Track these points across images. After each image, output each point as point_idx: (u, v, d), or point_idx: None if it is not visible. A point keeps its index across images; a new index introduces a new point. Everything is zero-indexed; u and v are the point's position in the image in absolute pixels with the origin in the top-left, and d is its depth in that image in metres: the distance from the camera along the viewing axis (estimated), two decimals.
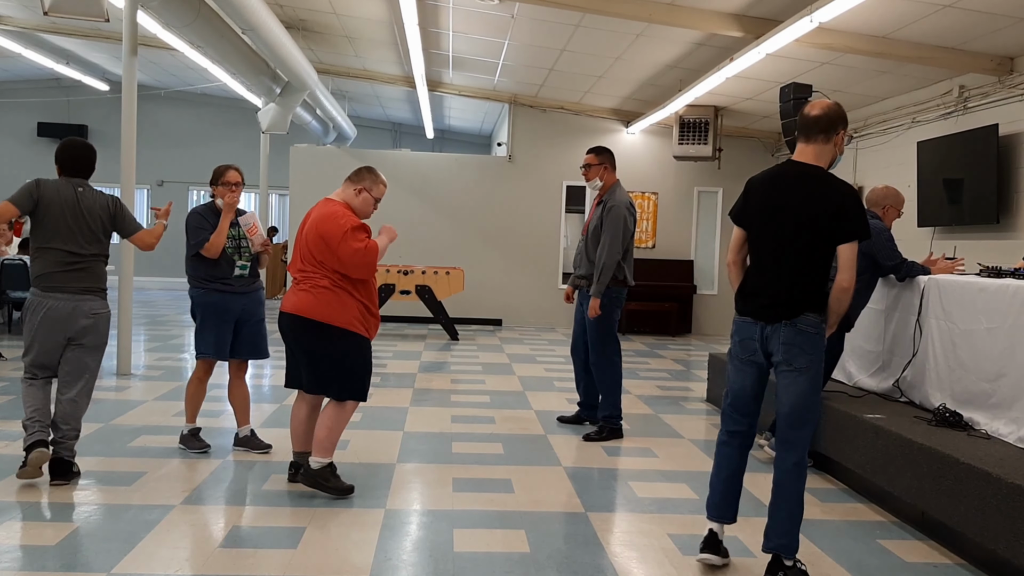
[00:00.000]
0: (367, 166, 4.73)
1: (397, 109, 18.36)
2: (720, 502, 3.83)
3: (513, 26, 9.88)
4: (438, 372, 8.98)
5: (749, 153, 14.00)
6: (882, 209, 5.54)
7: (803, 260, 3.55)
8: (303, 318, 4.38)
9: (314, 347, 4.42)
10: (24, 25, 13.60)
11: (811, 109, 3.69)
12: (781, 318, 3.54)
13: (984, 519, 3.72)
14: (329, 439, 4.47)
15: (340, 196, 4.60)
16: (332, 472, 4.52)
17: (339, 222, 4.38)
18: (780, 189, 3.65)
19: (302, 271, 4.49)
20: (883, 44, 8.07)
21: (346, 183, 4.63)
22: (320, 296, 4.37)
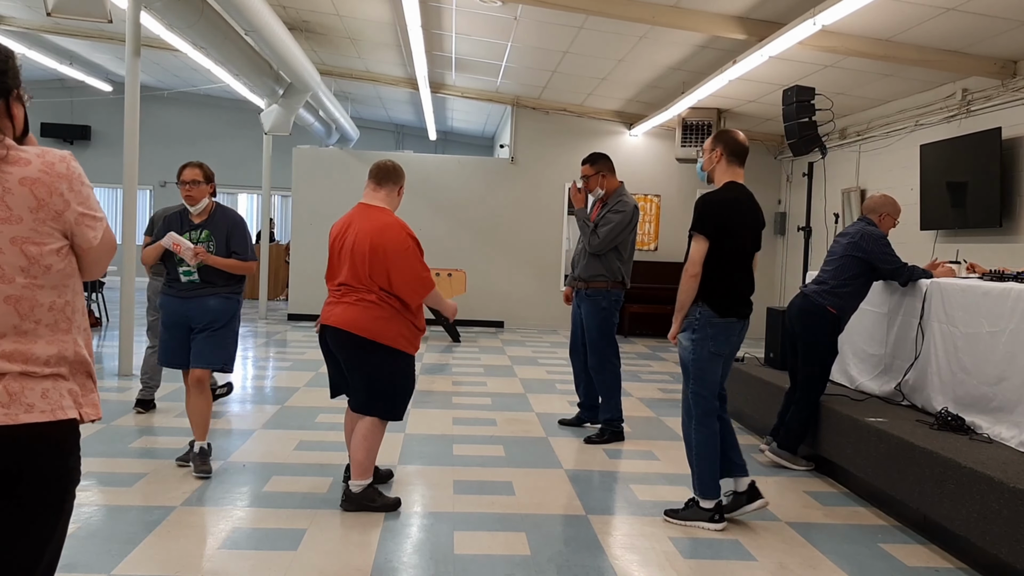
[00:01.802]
0: (394, 161, 4.55)
1: (400, 111, 18.37)
2: (722, 469, 4.42)
3: (516, 28, 9.88)
4: (440, 374, 8.98)
5: (752, 156, 13.89)
6: (878, 217, 5.55)
7: (750, 266, 4.46)
8: (350, 334, 4.22)
9: (361, 364, 4.29)
10: (27, 26, 13.62)
11: (744, 139, 4.44)
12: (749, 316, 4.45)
13: (986, 523, 3.71)
14: (368, 459, 4.36)
15: (385, 201, 4.44)
16: (377, 492, 4.43)
17: (401, 235, 4.25)
18: (751, 208, 4.43)
19: (348, 285, 4.29)
20: (886, 47, 8.06)
21: (388, 185, 4.46)
22: (368, 311, 4.22)
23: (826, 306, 5.38)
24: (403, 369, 4.38)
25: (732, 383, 7.24)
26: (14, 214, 1.68)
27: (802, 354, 5.53)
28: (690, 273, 4.23)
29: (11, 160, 1.71)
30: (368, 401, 4.33)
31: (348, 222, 4.40)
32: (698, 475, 4.34)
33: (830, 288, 5.43)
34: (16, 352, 1.68)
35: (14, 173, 1.70)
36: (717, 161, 4.39)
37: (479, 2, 8.87)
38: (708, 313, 4.26)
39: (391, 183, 4.47)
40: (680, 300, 4.28)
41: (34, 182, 1.72)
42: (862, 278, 5.42)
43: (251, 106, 16.29)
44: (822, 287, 5.47)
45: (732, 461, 4.46)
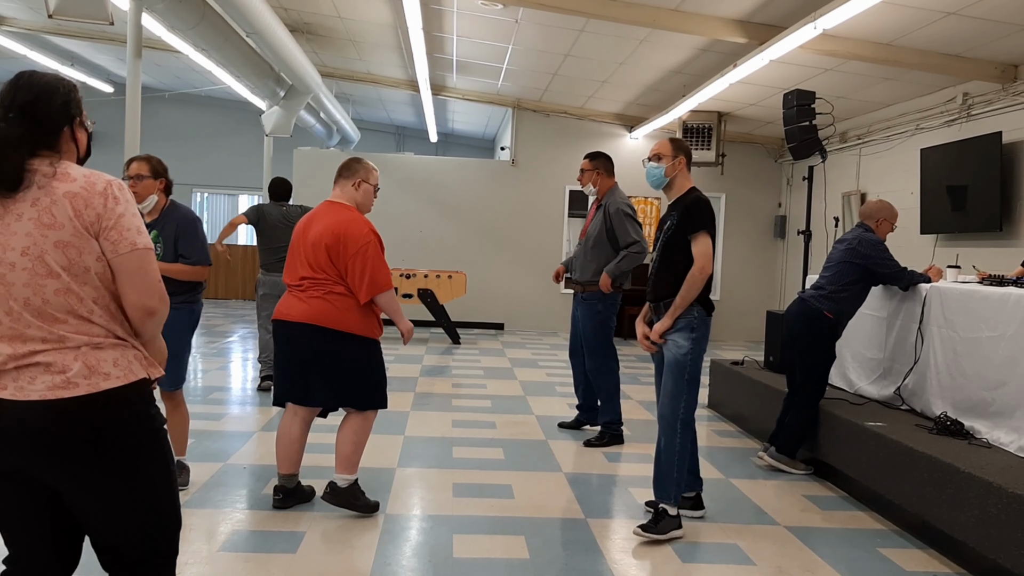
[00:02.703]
0: (353, 157, 4.54)
1: (401, 112, 18.37)
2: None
3: (517, 31, 9.89)
4: (439, 376, 8.98)
5: (752, 159, 14.01)
6: (876, 222, 5.56)
7: None
8: (321, 328, 4.14)
9: (335, 358, 4.20)
10: (29, 27, 13.63)
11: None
12: None
13: (985, 528, 3.72)
14: (356, 454, 4.32)
15: (342, 197, 4.41)
16: (360, 490, 4.38)
17: (362, 230, 4.21)
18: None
19: (309, 279, 4.21)
20: (887, 51, 8.07)
21: (340, 181, 4.45)
22: (337, 304, 4.16)
23: (823, 311, 5.39)
24: (378, 355, 4.37)
25: (732, 387, 7.25)
26: (57, 221, 1.99)
27: (800, 359, 5.54)
28: (706, 271, 4.18)
29: (59, 177, 2.02)
30: (343, 394, 4.29)
31: (311, 218, 4.37)
32: (676, 481, 4.24)
33: (828, 293, 5.43)
34: (79, 329, 2.02)
35: (60, 188, 2.01)
36: (679, 169, 4.45)
37: (480, 4, 8.88)
38: (703, 312, 4.27)
39: (343, 178, 4.45)
40: (686, 298, 4.19)
41: (74, 196, 2.01)
42: (860, 283, 5.43)
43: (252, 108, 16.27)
44: (820, 292, 5.48)
45: (695, 472, 4.54)
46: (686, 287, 4.18)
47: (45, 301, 1.99)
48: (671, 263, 4.30)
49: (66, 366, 1.98)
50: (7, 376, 1.97)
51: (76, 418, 1.97)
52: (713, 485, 5.22)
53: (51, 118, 2.08)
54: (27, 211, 1.99)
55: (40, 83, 2.10)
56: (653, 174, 4.50)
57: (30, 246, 1.98)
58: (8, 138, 1.99)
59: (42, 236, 1.98)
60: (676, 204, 4.41)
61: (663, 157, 4.44)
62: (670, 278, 4.28)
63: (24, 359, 1.98)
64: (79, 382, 1.98)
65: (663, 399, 4.32)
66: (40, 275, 1.99)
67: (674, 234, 4.29)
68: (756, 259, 14.40)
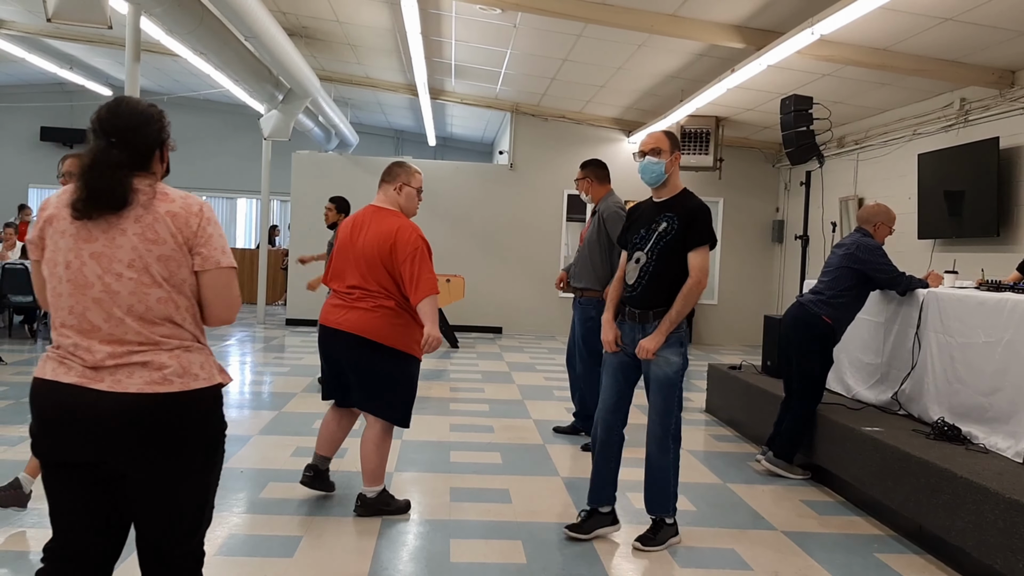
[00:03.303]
0: (395, 161, 4.54)
1: (399, 116, 18.37)
2: (611, 490, 4.42)
3: (515, 35, 9.91)
4: (437, 380, 8.98)
5: (750, 163, 14.03)
6: (873, 227, 5.56)
7: None
8: (366, 339, 4.16)
9: (374, 368, 4.23)
10: (28, 30, 13.63)
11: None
12: None
13: (981, 534, 3.72)
14: (380, 467, 4.36)
15: (386, 202, 4.39)
16: (390, 495, 4.45)
17: (411, 236, 4.23)
18: None
19: (360, 288, 4.23)
20: (884, 56, 8.08)
21: (383, 185, 4.42)
22: (386, 318, 4.18)
23: (821, 316, 5.39)
24: (414, 373, 4.40)
25: (729, 391, 7.25)
26: (160, 237, 2.21)
27: (797, 364, 5.54)
28: (703, 286, 4.03)
29: (159, 197, 2.25)
30: (385, 406, 4.32)
31: (359, 223, 4.36)
32: (672, 493, 4.20)
33: (826, 299, 5.44)
34: (173, 334, 2.25)
35: (161, 207, 2.23)
36: (676, 165, 4.18)
37: (479, 9, 8.89)
38: (685, 324, 4.13)
39: (385, 182, 4.44)
40: (682, 313, 4.01)
41: (174, 215, 2.24)
42: (857, 289, 5.43)
43: (250, 111, 16.28)
44: (818, 297, 5.48)
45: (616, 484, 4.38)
46: (683, 302, 3.99)
47: (148, 308, 2.21)
48: (667, 272, 4.04)
49: (163, 364, 2.20)
50: (104, 371, 2.17)
51: (168, 412, 2.19)
52: (710, 490, 5.23)
53: (148, 144, 2.31)
54: (131, 227, 2.20)
55: (138, 111, 2.31)
56: (652, 170, 4.15)
57: (135, 259, 2.19)
58: (118, 162, 2.21)
59: (147, 250, 2.20)
60: (672, 206, 4.12)
61: (662, 152, 4.13)
62: (665, 288, 4.04)
63: (122, 358, 2.18)
64: (174, 380, 2.20)
65: (653, 417, 4.17)
66: (145, 284, 2.20)
67: (673, 241, 4.03)
68: (754, 264, 14.42)
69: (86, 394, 2.15)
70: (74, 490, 2.24)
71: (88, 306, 2.18)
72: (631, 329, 4.16)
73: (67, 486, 2.24)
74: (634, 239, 4.20)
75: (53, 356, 2.23)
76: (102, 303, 2.18)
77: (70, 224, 2.20)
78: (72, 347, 2.19)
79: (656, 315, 4.05)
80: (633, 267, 4.15)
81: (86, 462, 2.20)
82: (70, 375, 2.17)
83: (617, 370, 4.25)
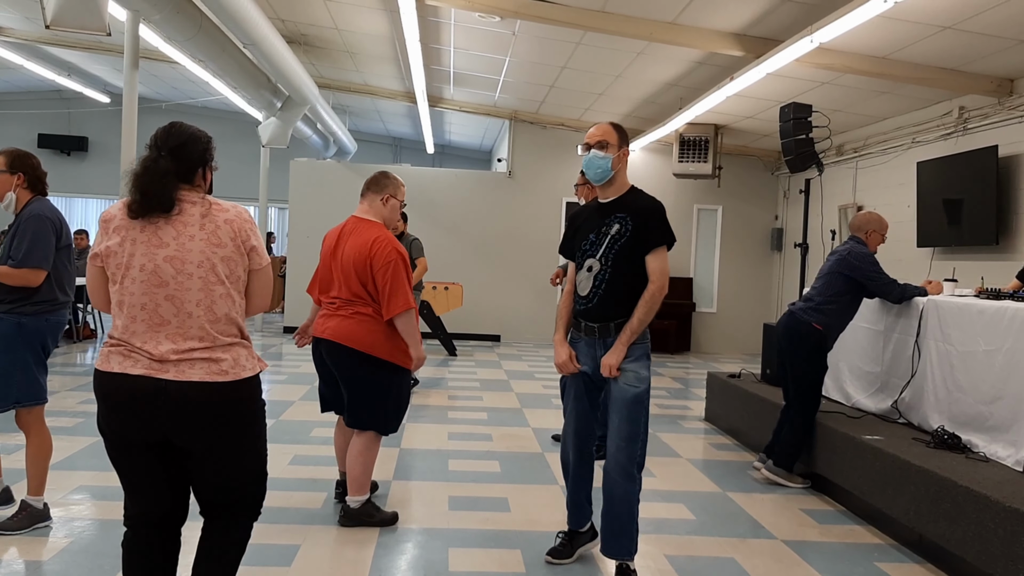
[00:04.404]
0: (382, 171, 4.51)
1: (397, 124, 18.38)
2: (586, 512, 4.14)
3: (514, 43, 9.91)
4: (436, 388, 8.95)
5: (749, 171, 14.04)
6: (865, 234, 5.56)
7: None
8: (349, 348, 4.15)
9: (355, 377, 4.22)
10: (26, 37, 13.63)
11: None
12: None
13: (982, 543, 3.70)
14: (365, 475, 4.34)
15: (370, 213, 4.37)
16: (375, 506, 4.42)
17: (387, 249, 4.17)
18: None
19: (341, 299, 4.24)
20: (883, 65, 8.09)
21: (369, 195, 4.40)
22: (365, 325, 4.16)
23: (812, 323, 5.40)
24: (400, 383, 4.35)
25: (728, 399, 7.23)
26: (222, 241, 2.62)
27: (792, 372, 5.55)
28: (665, 291, 3.65)
29: (216, 208, 2.67)
30: (367, 417, 4.28)
31: (340, 234, 4.36)
32: (636, 531, 3.75)
33: (815, 305, 5.45)
34: (228, 330, 2.64)
35: (220, 216, 2.65)
36: (624, 161, 3.82)
37: (477, 17, 8.90)
38: (648, 334, 3.75)
39: (372, 192, 4.41)
40: (644, 322, 3.63)
41: (232, 222, 2.66)
42: (848, 295, 5.42)
43: (249, 118, 16.30)
44: (808, 304, 5.50)
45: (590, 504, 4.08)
46: (645, 310, 3.61)
47: (212, 302, 2.60)
48: (624, 279, 3.66)
49: (219, 359, 2.59)
50: (168, 364, 2.53)
51: (225, 397, 2.58)
52: (710, 498, 5.21)
53: (192, 159, 2.69)
54: (198, 233, 2.60)
55: (187, 133, 2.72)
56: (597, 165, 3.75)
57: (204, 260, 2.59)
58: (164, 170, 2.61)
59: (212, 252, 2.60)
60: (623, 206, 3.76)
61: (609, 145, 3.74)
62: (623, 297, 3.65)
63: (184, 354, 2.55)
64: (228, 371, 2.60)
65: (617, 443, 3.63)
66: (211, 282, 2.60)
67: (628, 244, 3.65)
68: (753, 272, 14.40)
69: (154, 383, 2.52)
70: (146, 466, 2.64)
71: (160, 302, 2.55)
72: (588, 346, 3.76)
73: (139, 463, 2.64)
74: (583, 245, 3.78)
75: (116, 351, 2.56)
76: (174, 299, 2.56)
77: (140, 232, 2.58)
78: (140, 342, 2.55)
79: (617, 327, 3.66)
80: (586, 276, 3.73)
81: (155, 442, 2.59)
82: (137, 367, 2.53)
83: (581, 394, 3.85)
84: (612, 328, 3.67)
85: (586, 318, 3.75)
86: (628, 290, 3.64)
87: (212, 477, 2.69)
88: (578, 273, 3.78)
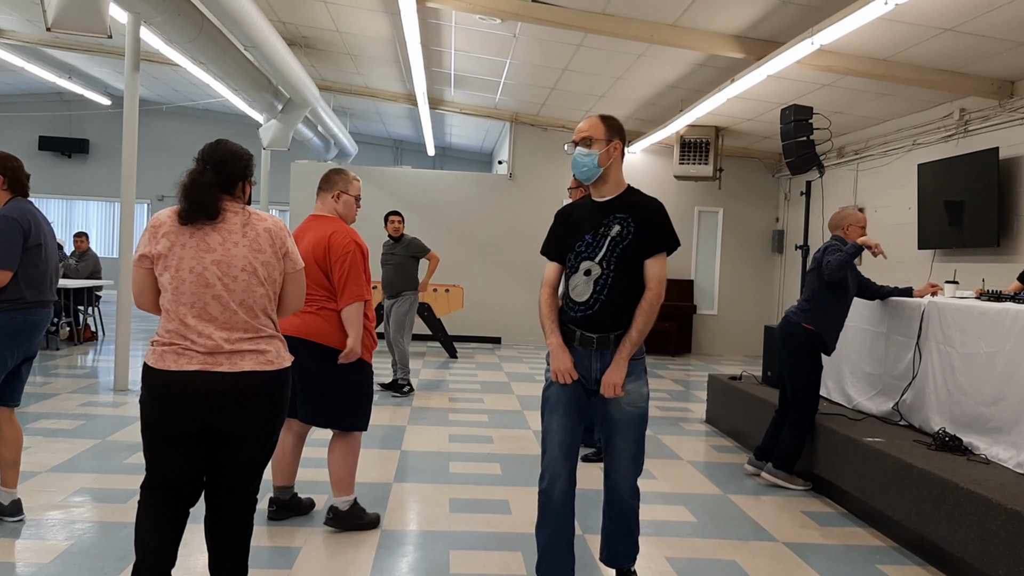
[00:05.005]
0: (333, 168, 4.50)
1: (398, 126, 18.40)
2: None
3: (515, 45, 9.91)
4: (436, 390, 8.95)
5: (750, 173, 14.03)
6: (843, 231, 5.59)
7: None
8: (310, 342, 4.07)
9: (320, 373, 4.12)
10: (27, 39, 13.65)
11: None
12: None
13: (984, 545, 3.70)
14: (350, 475, 4.29)
15: (324, 210, 4.36)
16: (362, 508, 4.38)
17: (344, 240, 4.16)
18: None
19: (306, 294, 4.26)
20: (884, 67, 8.09)
21: (320, 193, 4.39)
22: (328, 319, 4.11)
23: (801, 323, 5.43)
24: (364, 377, 4.29)
25: (730, 402, 7.23)
26: (262, 247, 2.94)
27: (787, 374, 5.59)
28: (662, 298, 3.37)
29: (255, 217, 2.98)
30: (339, 414, 4.23)
31: (299, 234, 4.32)
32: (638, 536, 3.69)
33: (801, 306, 5.52)
34: (267, 324, 2.96)
35: (260, 225, 2.97)
36: (615, 157, 3.48)
37: (478, 19, 8.90)
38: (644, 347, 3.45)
39: (323, 191, 4.39)
40: (643, 333, 3.33)
41: (270, 230, 2.98)
42: (827, 291, 5.42)
43: (250, 121, 16.29)
44: (798, 306, 5.59)
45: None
46: (644, 320, 3.30)
47: (254, 302, 2.91)
48: (627, 284, 3.34)
49: (265, 350, 2.91)
50: (221, 356, 2.82)
51: (269, 385, 2.90)
52: (711, 500, 5.20)
53: (233, 173, 2.98)
54: (241, 240, 2.90)
55: (230, 150, 3.04)
56: (582, 163, 3.42)
57: (247, 264, 2.89)
58: (209, 182, 2.91)
59: (254, 257, 2.91)
60: (623, 206, 3.45)
61: (594, 141, 3.41)
62: (629, 304, 3.33)
63: (236, 344, 2.85)
64: (273, 360, 2.92)
65: (623, 464, 3.49)
66: (253, 284, 2.90)
67: (631, 247, 3.33)
68: (754, 274, 14.40)
69: (210, 376, 2.80)
70: (183, 451, 2.89)
71: (208, 301, 2.84)
72: (584, 357, 3.40)
73: (179, 449, 2.88)
74: (577, 247, 3.42)
75: (170, 350, 2.83)
76: (220, 298, 2.85)
77: (189, 238, 2.85)
78: (194, 336, 2.82)
79: (617, 339, 3.33)
80: (583, 281, 3.37)
81: (197, 430, 2.86)
82: (192, 364, 2.80)
83: (572, 409, 3.49)
84: (612, 339, 3.34)
85: (583, 327, 3.38)
86: (630, 296, 3.33)
87: (244, 459, 2.95)
88: (572, 277, 3.42)
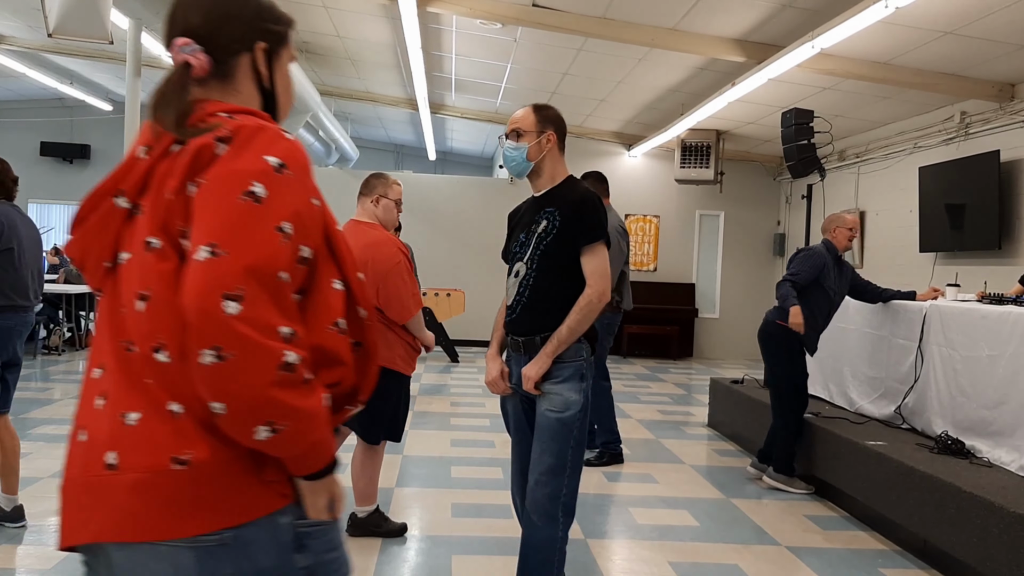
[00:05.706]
0: (373, 173, 4.46)
1: (399, 131, 18.40)
2: None
3: (516, 50, 9.92)
4: (438, 395, 8.95)
5: (751, 177, 14.03)
6: (831, 235, 5.67)
7: None
8: None
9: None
10: (28, 45, 13.67)
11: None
12: None
13: (986, 548, 3.69)
14: (371, 486, 4.31)
15: (364, 215, 4.32)
16: (383, 516, 4.39)
17: (388, 252, 4.11)
18: None
19: None
20: (884, 70, 8.09)
21: (361, 199, 4.35)
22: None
23: (775, 320, 5.51)
24: (402, 390, 4.29)
25: (732, 405, 7.22)
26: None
27: (769, 374, 5.71)
28: (606, 297, 3.02)
29: None
30: (371, 427, 4.24)
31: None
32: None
33: (777, 305, 5.59)
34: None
35: None
36: (548, 149, 3.11)
37: (479, 24, 8.91)
38: (590, 351, 3.09)
39: (363, 195, 4.36)
40: (576, 332, 2.99)
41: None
42: (814, 294, 5.50)
43: None
44: (774, 306, 5.67)
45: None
46: (577, 318, 2.96)
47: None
48: (552, 283, 3.03)
49: None
50: None
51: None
52: (713, 504, 5.20)
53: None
54: None
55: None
56: (511, 158, 3.12)
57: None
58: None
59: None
60: (552, 199, 3.10)
61: (524, 133, 3.09)
62: (554, 305, 3.01)
63: None
64: None
65: (537, 477, 3.03)
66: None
67: (555, 242, 3.01)
68: (755, 277, 14.39)
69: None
70: None
71: None
72: (517, 364, 3.15)
73: None
74: (514, 248, 3.20)
75: None
76: None
77: None
78: None
79: (543, 340, 3.03)
80: (512, 283, 3.15)
81: None
82: None
83: (522, 423, 3.25)
84: (538, 342, 3.04)
85: (512, 331, 3.17)
86: (559, 297, 3.01)
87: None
88: (508, 279, 3.22)
